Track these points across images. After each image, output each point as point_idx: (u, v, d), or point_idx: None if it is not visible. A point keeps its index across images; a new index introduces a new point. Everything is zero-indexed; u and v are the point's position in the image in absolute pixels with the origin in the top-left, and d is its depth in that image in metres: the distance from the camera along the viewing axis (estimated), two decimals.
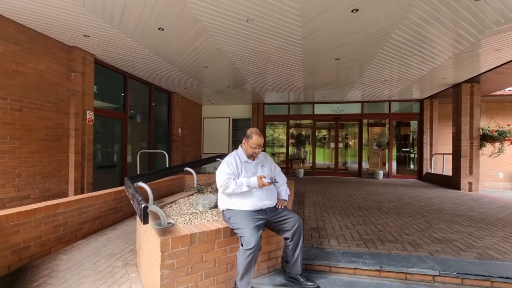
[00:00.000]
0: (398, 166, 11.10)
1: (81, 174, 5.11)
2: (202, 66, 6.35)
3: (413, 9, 3.71)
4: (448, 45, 4.92)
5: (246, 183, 2.19)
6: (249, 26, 4.24)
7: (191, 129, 10.83)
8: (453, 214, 4.57)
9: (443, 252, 2.83)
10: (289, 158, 11.49)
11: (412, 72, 6.61)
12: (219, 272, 2.18)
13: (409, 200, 5.73)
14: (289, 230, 2.26)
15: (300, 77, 7.25)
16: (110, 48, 5.20)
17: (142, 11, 3.78)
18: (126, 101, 6.88)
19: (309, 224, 3.83)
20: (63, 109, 4.86)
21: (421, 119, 10.15)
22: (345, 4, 3.61)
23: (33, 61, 4.33)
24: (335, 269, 2.54)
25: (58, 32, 4.47)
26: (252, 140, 2.31)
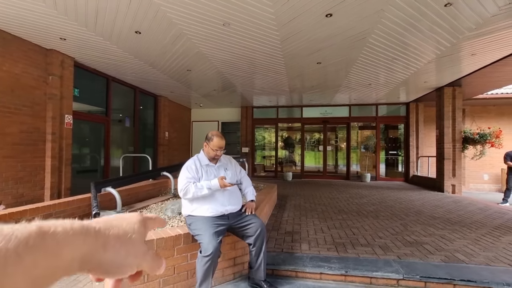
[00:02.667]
0: (387, 169, 11.20)
1: (58, 179, 5.02)
2: (185, 69, 6.33)
3: (385, 14, 3.76)
4: (425, 49, 5.00)
5: (207, 186, 2.16)
6: (226, 30, 4.25)
7: (178, 133, 10.76)
8: (431, 216, 4.60)
9: (412, 256, 2.83)
10: (278, 161, 11.49)
11: (394, 76, 6.70)
12: (179, 279, 2.14)
13: (390, 203, 5.76)
14: (251, 235, 2.24)
15: (285, 81, 7.28)
16: (90, 51, 5.15)
17: (116, 14, 3.76)
18: (109, 105, 6.81)
19: (284, 228, 3.81)
20: (39, 113, 4.78)
21: (407, 122, 10.27)
22: (319, 9, 3.64)
23: (7, 64, 4.25)
24: (301, 274, 2.53)
25: (34, 35, 4.41)
26: (213, 142, 2.29)
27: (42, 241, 0.23)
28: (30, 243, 0.22)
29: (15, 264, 0.21)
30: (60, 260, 0.24)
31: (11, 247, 0.21)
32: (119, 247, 0.30)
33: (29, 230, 0.23)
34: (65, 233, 0.25)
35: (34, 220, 0.26)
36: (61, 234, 0.25)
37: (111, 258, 0.29)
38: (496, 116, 10.22)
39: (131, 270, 0.32)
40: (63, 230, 0.25)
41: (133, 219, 0.34)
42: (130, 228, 0.33)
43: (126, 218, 0.34)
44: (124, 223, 0.33)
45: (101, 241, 0.29)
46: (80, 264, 0.26)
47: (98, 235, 0.29)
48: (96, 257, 0.28)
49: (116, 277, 0.31)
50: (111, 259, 0.29)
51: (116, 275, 0.30)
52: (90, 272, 0.28)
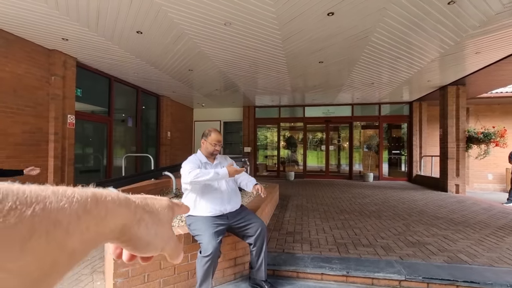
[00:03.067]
0: (390, 168, 11.13)
1: (61, 179, 5.05)
2: (186, 69, 6.33)
3: (388, 12, 3.73)
4: (429, 48, 4.95)
5: (215, 171, 2.12)
6: (227, 29, 4.24)
7: (181, 133, 10.78)
8: (434, 216, 4.56)
9: (414, 256, 2.81)
10: (280, 161, 11.47)
11: (397, 75, 6.64)
12: (179, 279, 2.14)
13: (393, 203, 5.72)
14: (252, 235, 2.23)
15: (287, 80, 7.26)
16: (92, 51, 5.17)
17: (118, 14, 3.76)
18: (111, 105, 6.84)
19: (286, 228, 3.80)
20: (42, 113, 4.81)
21: (410, 121, 10.20)
22: (320, 8, 3.62)
23: (10, 65, 4.28)
24: (302, 275, 2.51)
25: (36, 35, 4.44)
26: (211, 137, 2.30)
27: (96, 206, 0.25)
28: (87, 207, 0.24)
29: (75, 225, 0.22)
30: (106, 227, 0.26)
31: (73, 208, 0.22)
32: (151, 226, 0.31)
33: (87, 195, 0.24)
34: (113, 202, 0.27)
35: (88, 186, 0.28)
36: (110, 203, 0.26)
37: (142, 235, 0.30)
38: (500, 115, 10.11)
39: (155, 250, 0.32)
40: (112, 199, 0.27)
41: (163, 202, 0.35)
42: (161, 210, 0.34)
43: (158, 200, 0.35)
44: (157, 204, 0.34)
45: (138, 216, 0.30)
46: (118, 235, 0.28)
47: (137, 210, 0.30)
48: (132, 231, 0.29)
49: (141, 254, 0.32)
50: (142, 236, 0.30)
51: (142, 252, 0.31)
52: (123, 243, 0.29)
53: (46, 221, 0.20)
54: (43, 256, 0.20)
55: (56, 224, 0.21)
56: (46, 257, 0.20)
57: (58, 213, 0.21)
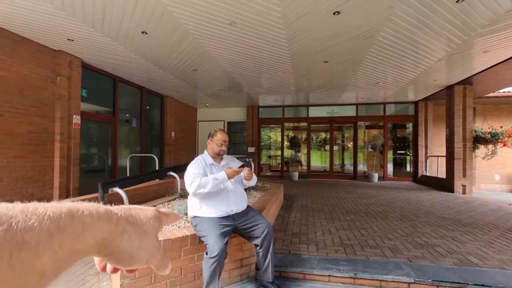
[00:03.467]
0: (394, 169, 11.04)
1: (67, 179, 5.07)
2: (191, 69, 6.33)
3: (395, 11, 3.68)
4: (436, 47, 4.88)
5: (213, 177, 2.12)
6: (232, 29, 4.22)
7: (185, 133, 10.80)
8: (441, 217, 4.50)
9: (423, 258, 2.76)
10: (284, 161, 11.43)
11: (403, 74, 6.57)
12: (185, 280, 2.13)
13: (399, 204, 5.66)
14: (258, 236, 2.21)
15: (291, 80, 7.22)
16: (97, 52, 5.19)
17: (123, 14, 3.76)
18: (116, 105, 6.86)
19: (291, 229, 3.77)
20: (48, 113, 4.84)
21: (415, 121, 10.10)
22: (326, 7, 3.58)
23: (16, 65, 4.31)
24: (309, 276, 2.49)
25: (42, 36, 4.46)
26: (217, 137, 2.29)
27: (71, 223, 0.23)
28: (61, 224, 0.23)
29: (46, 244, 0.21)
30: (83, 243, 0.25)
31: (44, 227, 0.21)
32: (134, 238, 0.30)
33: (60, 211, 0.23)
34: (91, 217, 0.26)
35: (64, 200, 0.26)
36: (88, 217, 0.25)
37: (124, 248, 0.29)
38: (508, 114, 9.97)
39: (139, 263, 0.31)
40: (89, 214, 0.26)
41: (149, 213, 0.34)
42: (146, 221, 0.33)
43: (144, 210, 0.34)
44: (142, 215, 0.33)
45: (120, 229, 0.29)
46: (99, 249, 0.27)
47: (119, 222, 0.29)
48: (113, 244, 0.28)
49: (125, 267, 0.31)
50: (124, 249, 0.29)
51: (125, 265, 0.30)
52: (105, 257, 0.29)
53: (9, 244, 0.19)
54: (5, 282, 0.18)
55: (22, 245, 0.19)
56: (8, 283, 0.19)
57: (25, 234, 0.20)
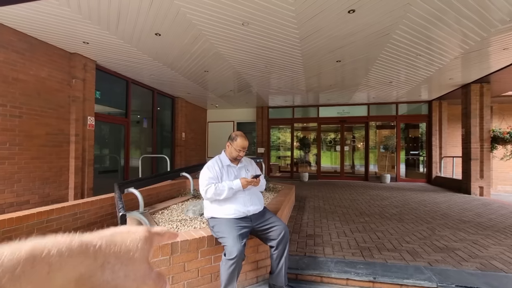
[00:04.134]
0: (407, 169, 10.82)
1: (82, 179, 5.16)
2: (202, 70, 6.35)
3: (412, 8, 3.59)
4: (453, 44, 4.75)
5: (229, 186, 2.13)
6: (245, 29, 4.21)
7: (195, 133, 10.86)
8: (459, 220, 4.36)
9: (444, 262, 2.67)
10: (293, 162, 11.35)
11: (417, 73, 6.43)
12: (203, 282, 2.12)
13: (414, 205, 5.53)
14: (275, 239, 2.17)
15: (302, 80, 7.17)
16: (111, 54, 5.27)
17: (137, 16, 3.80)
18: (128, 106, 6.95)
19: (305, 231, 3.72)
20: (64, 115, 4.94)
21: (429, 121, 9.87)
22: (341, 5, 3.53)
23: (34, 69, 4.42)
24: (326, 280, 2.44)
25: (59, 39, 4.56)
26: (237, 142, 2.26)
27: (32, 267, 0.21)
28: (17, 272, 0.21)
29: None
30: (51, 285, 0.22)
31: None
32: (119, 268, 0.28)
33: (19, 256, 0.21)
34: (60, 255, 0.23)
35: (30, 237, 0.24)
36: (55, 257, 0.23)
37: (107, 280, 0.26)
38: None
39: None
40: (58, 252, 0.23)
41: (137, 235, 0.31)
42: (133, 246, 0.30)
43: (132, 233, 0.31)
44: (129, 239, 0.30)
45: (100, 261, 0.26)
46: (75, 287, 0.24)
47: (98, 254, 0.26)
48: (93, 280, 0.26)
49: None
50: (108, 281, 0.26)
51: None
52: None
53: None
54: None
55: None
56: None
57: None
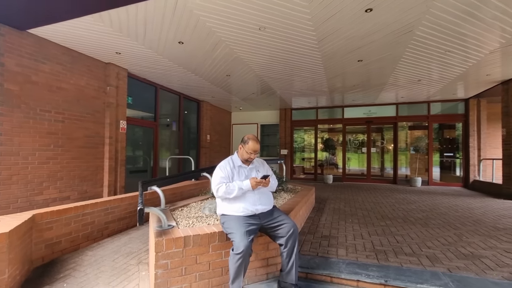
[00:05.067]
0: (441, 173, 10.13)
1: (115, 178, 5.63)
2: (224, 74, 6.59)
3: (434, 3, 3.45)
4: (487, 39, 4.44)
5: (239, 186, 2.24)
6: (262, 34, 4.33)
7: (219, 135, 11.20)
8: (493, 227, 4.05)
9: (466, 270, 2.53)
10: (317, 164, 11.20)
11: (448, 70, 6.06)
12: (213, 275, 2.25)
13: (444, 210, 5.21)
14: (283, 236, 2.24)
15: (323, 81, 7.10)
16: (140, 62, 5.70)
17: (161, 26, 4.10)
18: (157, 110, 7.42)
19: (321, 232, 3.71)
20: (99, 120, 5.43)
21: (466, 120, 9.18)
22: (358, 5, 3.50)
23: (74, 78, 4.94)
24: (336, 280, 2.44)
25: (95, 51, 5.05)
26: (248, 145, 2.37)
27: None
28: None
29: None
30: None
31: None
32: None
33: None
34: None
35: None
36: None
37: None
38: None
39: None
40: None
41: None
42: None
43: None
44: None
45: None
46: None
47: None
48: None
49: None
50: None
51: None
52: None
53: None
54: None
55: None
56: None
57: None
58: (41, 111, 4.35)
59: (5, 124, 3.87)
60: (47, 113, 4.44)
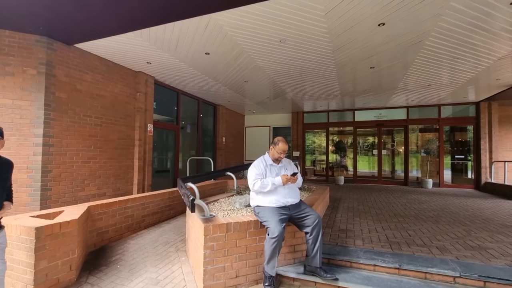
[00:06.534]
0: (453, 175, 10.26)
1: (143, 177, 6.10)
2: (242, 81, 7.01)
3: (443, 18, 3.77)
4: (494, 47, 4.71)
5: (272, 181, 2.63)
6: (282, 45, 4.72)
7: (234, 138, 11.63)
8: (502, 224, 4.29)
9: (472, 258, 2.83)
10: (328, 166, 11.48)
11: (458, 75, 6.31)
12: (250, 257, 2.63)
13: (454, 210, 5.45)
14: (309, 225, 2.61)
15: (336, 86, 7.44)
16: (166, 70, 6.18)
17: (192, 40, 4.55)
18: (178, 114, 7.90)
19: (338, 226, 4.05)
20: (130, 123, 5.93)
21: (477, 123, 9.32)
22: (371, 20, 3.85)
23: (110, 86, 5.44)
24: (355, 265, 2.79)
25: (129, 61, 5.55)
26: (279, 146, 2.76)
27: None
28: None
29: None
30: None
31: None
32: None
33: None
34: None
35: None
36: None
37: None
38: None
39: None
40: None
41: None
42: None
43: None
44: None
45: None
46: None
47: None
48: None
49: None
50: None
51: None
52: None
53: None
54: None
55: None
56: None
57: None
58: (84, 116, 4.86)
59: (56, 127, 4.38)
60: (88, 118, 4.95)
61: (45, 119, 4.23)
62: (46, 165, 4.25)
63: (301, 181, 2.96)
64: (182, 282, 2.68)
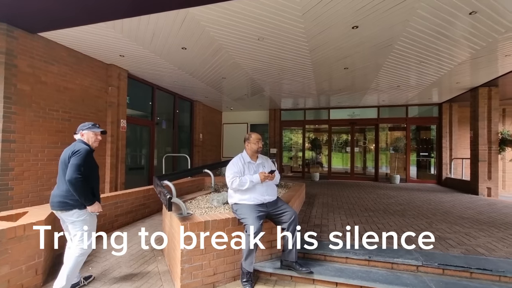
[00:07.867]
0: (418, 171, 10.98)
1: (116, 175, 5.86)
2: (220, 77, 6.94)
3: (410, 24, 4.00)
4: (455, 53, 5.08)
5: (250, 179, 2.66)
6: (260, 43, 4.74)
7: (211, 135, 11.51)
8: (459, 217, 4.70)
9: (434, 248, 3.08)
10: (305, 162, 11.78)
11: (423, 78, 6.74)
12: (227, 254, 2.65)
13: (419, 203, 5.86)
14: (286, 222, 2.68)
15: (313, 85, 7.62)
16: (141, 64, 5.95)
17: (169, 35, 4.42)
18: (153, 110, 7.65)
19: (313, 221, 4.20)
20: (102, 118, 5.65)
21: (440, 123, 10.05)
22: (346, 23, 4.00)
23: (79, 79, 5.14)
24: (329, 258, 2.92)
25: (100, 53, 5.27)
26: (253, 137, 2.82)
27: None
28: None
29: None
30: None
31: None
32: None
33: None
34: None
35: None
36: None
37: None
38: None
39: None
40: None
41: None
42: None
43: None
44: None
45: None
46: None
47: None
48: None
49: None
50: None
51: None
52: None
53: None
54: None
55: None
56: None
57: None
58: (50, 110, 4.54)
59: (18, 122, 4.06)
60: (55, 112, 4.64)
61: (5, 113, 3.90)
62: (6, 163, 3.94)
63: (279, 178, 3.03)
64: (158, 281, 2.64)
